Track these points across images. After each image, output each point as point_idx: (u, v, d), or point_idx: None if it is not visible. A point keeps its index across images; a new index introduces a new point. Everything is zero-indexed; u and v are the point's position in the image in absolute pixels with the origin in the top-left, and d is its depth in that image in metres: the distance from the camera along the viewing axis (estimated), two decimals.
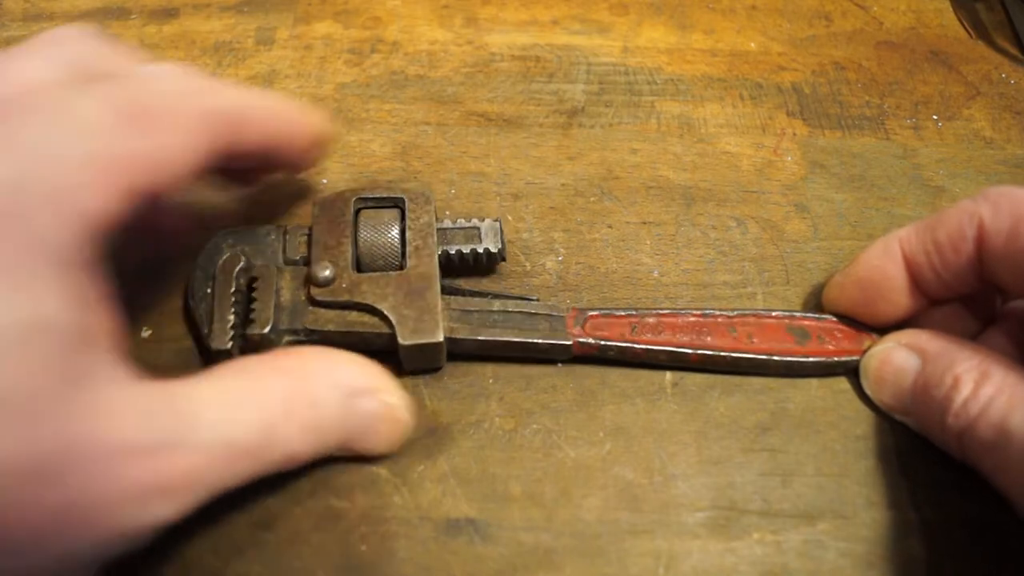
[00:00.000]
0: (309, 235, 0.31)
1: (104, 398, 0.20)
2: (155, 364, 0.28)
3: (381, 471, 0.29)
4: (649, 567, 0.27)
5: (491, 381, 0.31)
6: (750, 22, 0.45)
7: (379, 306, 0.29)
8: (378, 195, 0.32)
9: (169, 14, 0.44)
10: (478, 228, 0.32)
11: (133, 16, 0.44)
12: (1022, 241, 0.25)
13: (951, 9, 0.46)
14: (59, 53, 0.23)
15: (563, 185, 0.37)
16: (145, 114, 0.22)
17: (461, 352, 0.30)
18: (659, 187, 0.37)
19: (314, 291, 0.29)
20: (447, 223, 0.32)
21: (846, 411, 0.30)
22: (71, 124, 0.21)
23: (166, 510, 0.21)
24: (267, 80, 0.41)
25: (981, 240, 0.26)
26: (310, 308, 0.29)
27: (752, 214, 0.36)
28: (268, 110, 0.27)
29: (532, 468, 0.29)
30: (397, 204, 0.32)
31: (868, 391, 0.30)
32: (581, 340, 0.30)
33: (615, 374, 0.31)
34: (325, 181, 0.37)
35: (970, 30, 0.45)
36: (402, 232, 0.31)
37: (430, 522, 0.28)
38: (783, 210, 0.36)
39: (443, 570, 0.27)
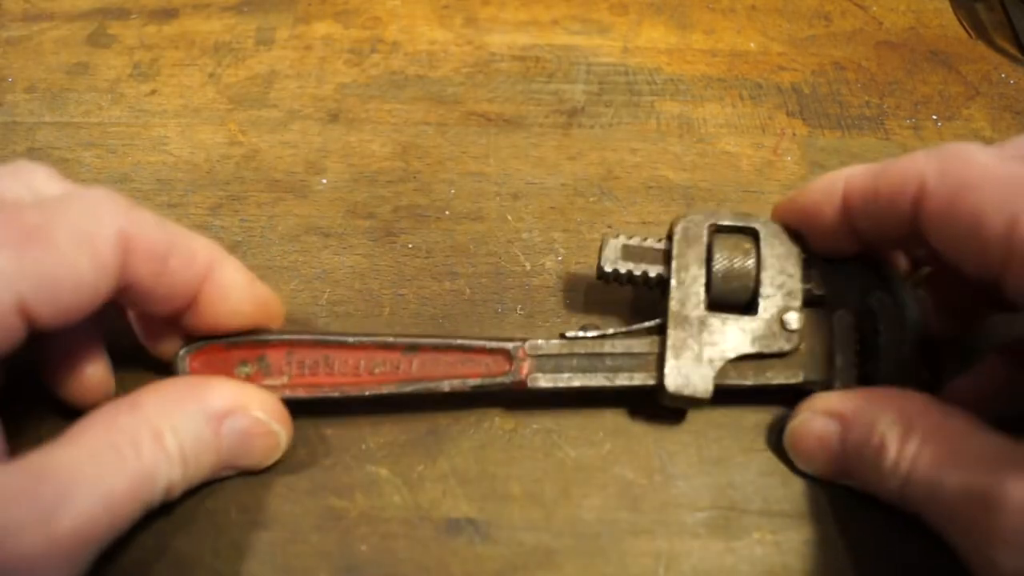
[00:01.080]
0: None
1: None
2: None
3: (381, 471, 0.29)
4: (649, 567, 0.27)
5: None
6: (750, 22, 0.45)
7: None
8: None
9: (169, 14, 0.44)
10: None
11: (133, 16, 0.44)
12: (959, 209, 0.23)
13: (951, 9, 0.46)
14: None
15: (563, 185, 0.37)
16: (40, 232, 0.22)
17: None
18: (659, 187, 0.37)
19: None
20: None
21: None
22: None
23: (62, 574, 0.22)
24: (267, 80, 0.41)
25: (920, 200, 0.25)
26: None
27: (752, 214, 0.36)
28: (198, 250, 0.26)
29: (532, 468, 0.29)
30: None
31: (801, 467, 0.29)
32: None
33: None
34: (324, 181, 0.37)
35: (970, 30, 0.45)
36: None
37: (430, 522, 0.28)
38: None
39: (443, 570, 0.27)
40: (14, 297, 0.21)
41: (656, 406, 0.29)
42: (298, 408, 0.29)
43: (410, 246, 0.35)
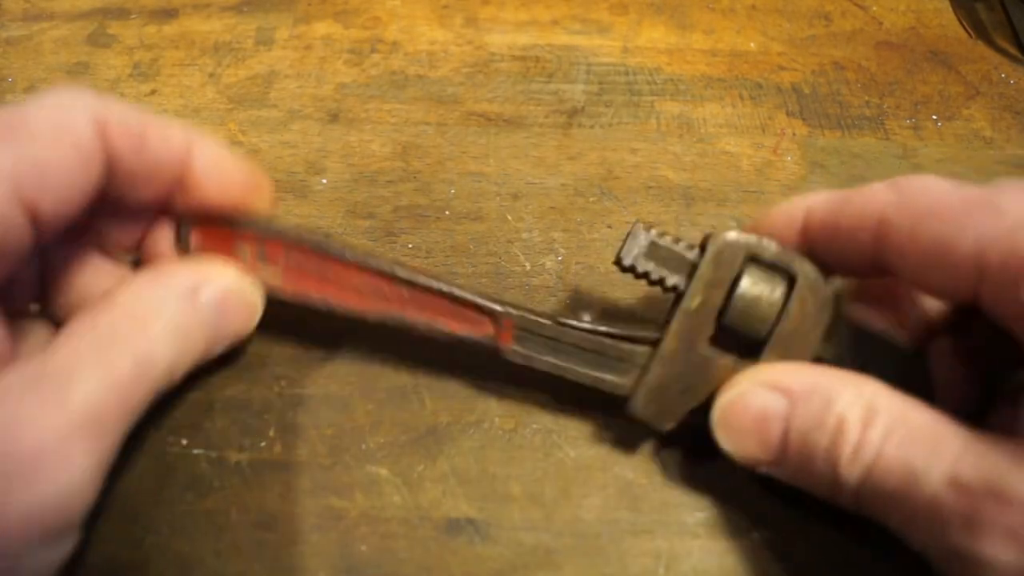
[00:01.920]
0: None
1: None
2: None
3: (381, 471, 0.29)
4: (649, 567, 0.27)
5: (491, 380, 0.31)
6: (750, 22, 0.45)
7: None
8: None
9: (169, 14, 0.44)
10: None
11: (133, 16, 0.44)
12: (922, 241, 0.23)
13: (951, 9, 0.46)
14: None
15: (563, 185, 0.37)
16: (19, 127, 0.22)
17: None
18: (659, 187, 0.37)
19: None
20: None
21: None
22: None
23: (85, 459, 0.22)
24: (267, 80, 0.41)
25: (882, 233, 0.24)
26: None
27: (752, 214, 0.36)
28: (174, 127, 0.26)
29: (532, 468, 0.29)
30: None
31: (726, 446, 0.25)
32: None
33: None
34: (324, 181, 0.37)
35: (970, 30, 0.45)
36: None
37: (430, 522, 0.28)
38: None
39: (443, 570, 0.27)
40: (12, 190, 0.22)
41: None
42: (282, 309, 0.29)
43: (410, 246, 0.35)
